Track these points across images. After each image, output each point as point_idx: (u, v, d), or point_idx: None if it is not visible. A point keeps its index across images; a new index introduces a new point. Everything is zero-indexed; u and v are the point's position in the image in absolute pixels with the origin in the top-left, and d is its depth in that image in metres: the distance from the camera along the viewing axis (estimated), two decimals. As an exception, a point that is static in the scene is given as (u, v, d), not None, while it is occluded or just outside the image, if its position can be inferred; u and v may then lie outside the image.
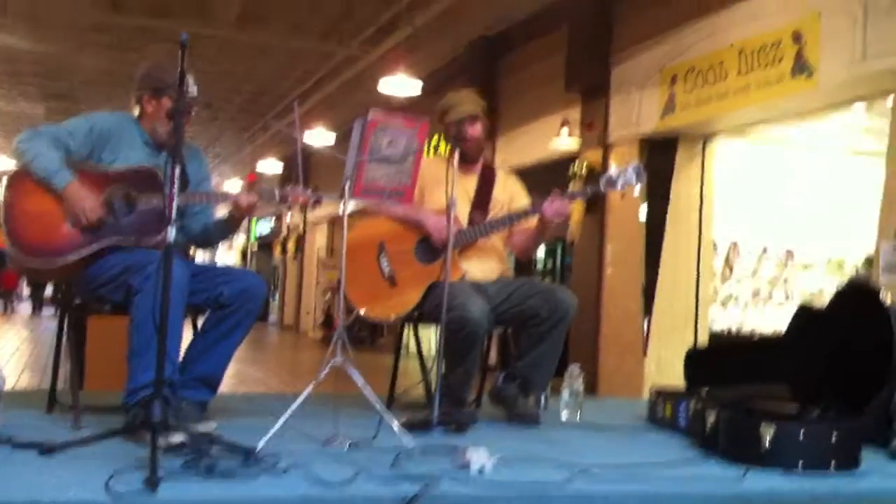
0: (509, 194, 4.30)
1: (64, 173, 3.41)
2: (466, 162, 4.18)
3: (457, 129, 4.14)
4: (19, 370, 10.49)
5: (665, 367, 8.36)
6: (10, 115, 21.95)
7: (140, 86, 3.66)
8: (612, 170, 4.07)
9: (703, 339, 8.62)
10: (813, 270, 10.52)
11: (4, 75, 17.54)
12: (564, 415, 4.18)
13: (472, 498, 2.58)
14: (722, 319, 9.90)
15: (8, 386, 3.57)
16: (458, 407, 3.88)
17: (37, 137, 3.44)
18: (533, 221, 4.15)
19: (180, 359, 3.40)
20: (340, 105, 16.37)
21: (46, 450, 2.72)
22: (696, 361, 4.41)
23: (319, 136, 14.34)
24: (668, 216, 8.68)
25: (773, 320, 10.01)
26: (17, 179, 3.45)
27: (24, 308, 30.71)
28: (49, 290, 25.68)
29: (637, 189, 8.33)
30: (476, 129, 4.16)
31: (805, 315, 4.18)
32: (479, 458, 2.82)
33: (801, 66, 6.73)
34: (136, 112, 3.69)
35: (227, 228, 3.79)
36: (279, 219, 25.24)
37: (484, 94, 4.40)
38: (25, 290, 33.20)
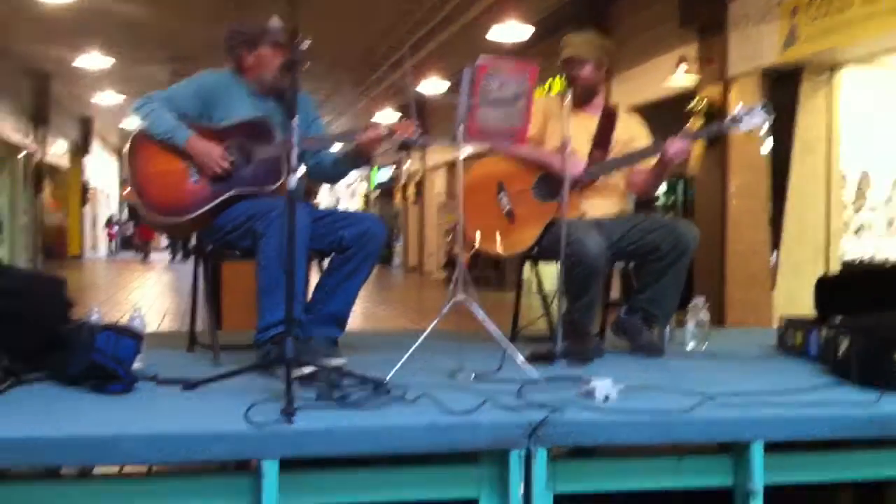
0: (630, 134, 4.22)
1: (182, 129, 3.58)
2: (579, 103, 4.13)
3: (563, 69, 4.15)
4: (161, 315, 11.01)
5: (795, 300, 8.14)
6: (137, 79, 22.70)
7: (232, 45, 3.76)
8: (738, 109, 3.94)
9: (835, 271, 8.35)
10: (951, 197, 10.03)
11: (129, 44, 18.15)
12: (690, 345, 4.13)
13: (599, 424, 2.60)
14: (855, 249, 9.56)
15: (151, 329, 3.76)
16: (582, 340, 3.90)
17: (150, 102, 3.63)
18: (653, 161, 4.09)
19: (308, 299, 3.53)
20: (452, 54, 16.33)
21: (188, 386, 2.87)
22: (828, 289, 4.27)
23: (433, 85, 14.38)
24: (794, 148, 8.42)
25: (909, 250, 9.62)
26: (138, 142, 3.63)
27: (161, 257, 31.81)
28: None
29: (764, 129, 8.10)
30: (579, 71, 4.11)
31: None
32: (604, 387, 2.82)
33: (931, -10, 6.40)
34: (234, 69, 3.80)
35: (353, 164, 3.90)
36: (398, 165, 25.53)
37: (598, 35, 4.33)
38: (163, 241, 34.54)
